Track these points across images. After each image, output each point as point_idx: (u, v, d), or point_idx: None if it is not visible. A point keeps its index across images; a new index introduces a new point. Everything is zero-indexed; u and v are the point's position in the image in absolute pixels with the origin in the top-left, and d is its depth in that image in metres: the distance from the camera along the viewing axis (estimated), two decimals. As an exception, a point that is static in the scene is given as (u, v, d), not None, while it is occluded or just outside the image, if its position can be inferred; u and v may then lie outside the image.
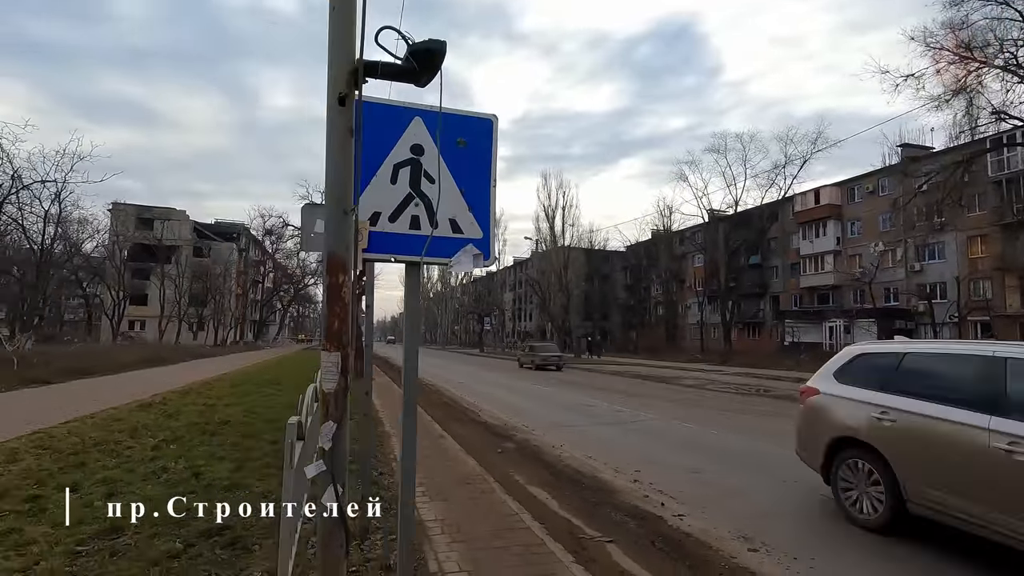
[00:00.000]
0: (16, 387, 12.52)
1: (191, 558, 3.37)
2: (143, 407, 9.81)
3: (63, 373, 15.04)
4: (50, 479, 4.95)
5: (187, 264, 49.89)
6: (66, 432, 7.27)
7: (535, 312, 72.74)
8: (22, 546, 3.45)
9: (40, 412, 9.12)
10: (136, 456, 5.93)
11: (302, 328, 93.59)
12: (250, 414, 8.90)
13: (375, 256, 2.14)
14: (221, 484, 4.83)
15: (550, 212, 44.08)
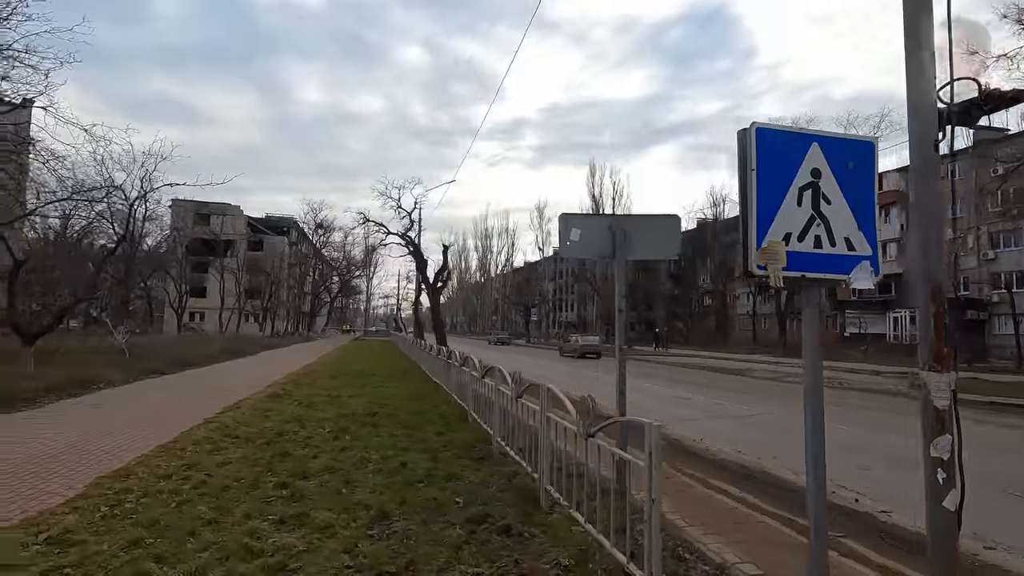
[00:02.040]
0: (140, 377, 13.33)
1: (480, 543, 3.65)
2: (275, 398, 10.36)
3: (170, 364, 15.90)
4: (272, 469, 5.35)
5: (243, 258, 51.62)
6: (235, 422, 7.77)
7: (576, 302, 72.73)
8: (323, 529, 3.79)
9: (187, 402, 9.74)
10: (326, 446, 6.32)
11: (344, 319, 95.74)
12: (383, 405, 9.28)
13: (790, 274, 2.31)
14: (439, 474, 5.14)
15: (600, 201, 43.85)
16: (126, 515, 4.06)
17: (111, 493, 4.53)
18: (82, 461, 5.61)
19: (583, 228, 3.91)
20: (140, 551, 3.39)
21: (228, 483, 4.80)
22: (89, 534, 3.66)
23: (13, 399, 8.97)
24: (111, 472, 5.18)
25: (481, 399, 7.29)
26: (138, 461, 5.58)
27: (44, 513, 4.06)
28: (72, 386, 10.75)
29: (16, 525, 3.84)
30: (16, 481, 4.86)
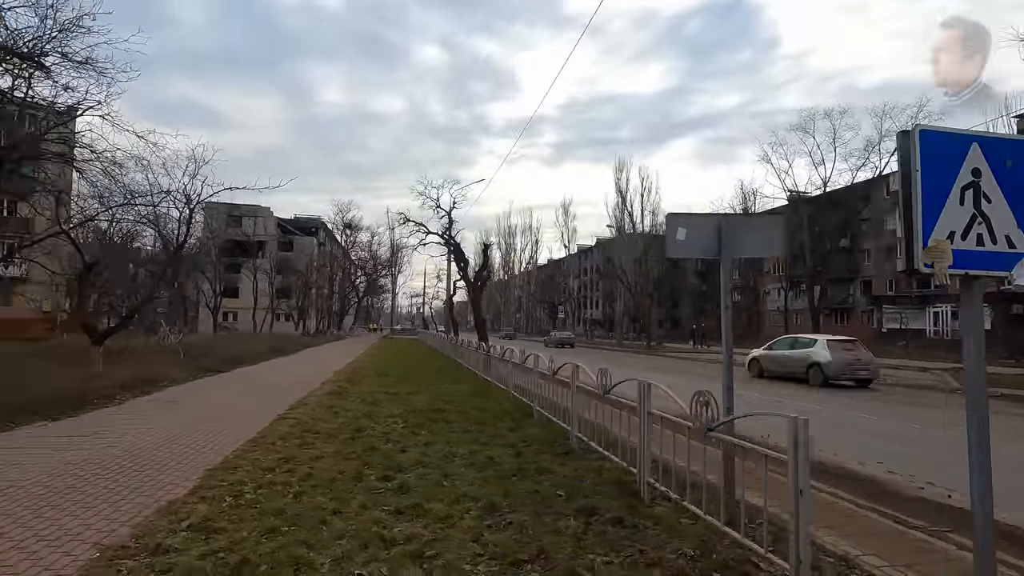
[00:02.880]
0: (199, 375, 13.79)
1: (598, 534, 3.77)
2: (336, 395, 10.64)
3: (223, 363, 16.39)
4: (367, 463, 5.55)
5: (274, 258, 52.67)
6: (309, 418, 8.02)
7: (601, 299, 72.50)
8: (443, 519, 3.95)
9: (252, 399, 10.07)
10: (407, 441, 6.51)
11: (370, 318, 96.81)
12: (448, 402, 9.47)
13: (956, 272, 2.37)
14: (529, 468, 5.28)
15: (628, 196, 43.68)
16: (250, 505, 4.29)
17: (226, 484, 4.77)
18: (184, 454, 5.89)
19: (690, 228, 3.99)
20: (283, 538, 3.59)
21: (333, 476, 5.00)
22: (226, 522, 3.88)
23: (92, 397, 9.38)
24: (217, 465, 5.44)
25: (551, 397, 7.45)
26: (236, 455, 5.84)
27: (175, 503, 4.31)
28: (140, 384, 11.19)
29: (157, 512, 4.08)
30: (137, 472, 5.14)
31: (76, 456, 5.67)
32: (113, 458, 5.67)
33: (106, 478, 4.95)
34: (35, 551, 3.40)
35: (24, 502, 4.27)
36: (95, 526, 3.82)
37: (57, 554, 3.36)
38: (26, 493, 4.48)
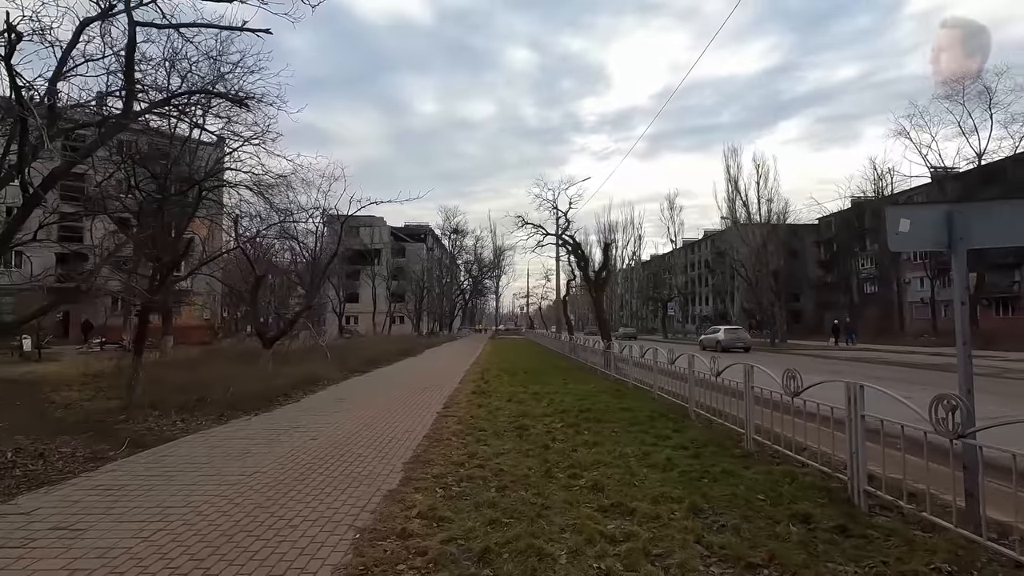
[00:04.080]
0: (348, 375, 15.05)
1: (827, 543, 3.63)
2: (480, 394, 11.12)
3: (364, 364, 17.74)
4: (547, 460, 5.76)
5: (389, 264, 56.12)
6: (468, 416, 8.46)
7: (711, 295, 69.16)
8: (653, 519, 4.02)
9: (404, 397, 10.80)
10: (574, 440, 6.67)
11: (474, 319, 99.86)
12: (595, 403, 9.56)
13: None
14: (715, 470, 5.20)
15: (742, 186, 41.29)
16: (460, 497, 4.62)
17: (430, 477, 5.18)
18: (377, 448, 6.46)
19: (913, 218, 3.72)
20: (508, 530, 3.84)
21: (524, 472, 5.26)
22: (449, 512, 4.21)
23: (273, 394, 10.56)
24: (410, 459, 5.92)
25: (715, 398, 7.28)
26: (423, 450, 6.31)
27: (395, 492, 4.75)
28: (306, 383, 12.42)
29: (384, 500, 4.53)
30: (347, 464, 5.73)
31: (290, 448, 6.43)
32: (320, 450, 6.36)
33: (325, 468, 5.57)
34: (305, 530, 3.91)
35: (272, 487, 4.92)
36: (341, 510, 4.32)
37: (324, 533, 3.85)
38: (270, 479, 5.16)
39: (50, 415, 8.94)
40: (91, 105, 6.79)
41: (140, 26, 6.36)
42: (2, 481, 4.98)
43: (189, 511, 4.25)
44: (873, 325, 43.14)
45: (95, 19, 6.49)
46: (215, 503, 4.45)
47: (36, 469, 5.38)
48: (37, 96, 6.11)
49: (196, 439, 6.98)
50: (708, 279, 69.35)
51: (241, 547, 3.60)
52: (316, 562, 3.38)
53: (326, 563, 3.37)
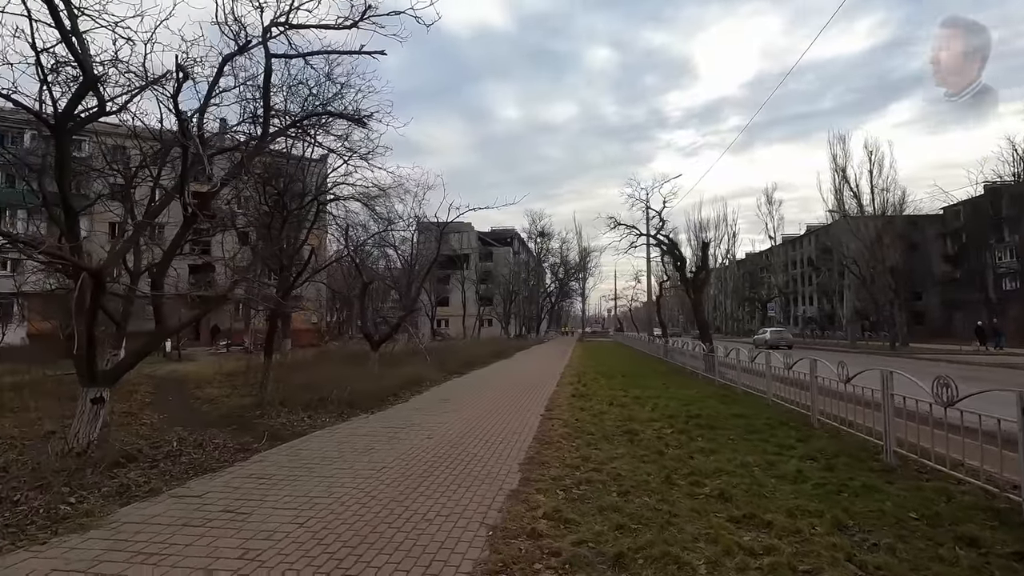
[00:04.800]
0: (449, 377, 15.60)
1: (1006, 570, 3.27)
2: (580, 397, 11.09)
3: (461, 365, 18.30)
4: (664, 466, 5.63)
5: (478, 269, 57.53)
6: (572, 419, 8.47)
7: (815, 294, 64.34)
8: (793, 533, 3.81)
9: (505, 398, 11.00)
10: (689, 447, 6.48)
11: (560, 321, 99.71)
12: (703, 408, 9.23)
13: None
14: (854, 484, 4.84)
15: (852, 176, 38.04)
16: (582, 500, 4.63)
17: (549, 479, 5.24)
18: (491, 448, 6.63)
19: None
20: (638, 536, 3.80)
21: (643, 478, 5.18)
22: (574, 515, 4.23)
23: (383, 394, 11.16)
24: (525, 460, 6.02)
25: (841, 406, 6.78)
26: (536, 452, 6.40)
27: (517, 492, 4.86)
28: (411, 384, 13.01)
29: (508, 500, 4.65)
30: (466, 463, 5.94)
31: (410, 446, 6.76)
32: (437, 448, 6.63)
33: (445, 466, 5.81)
34: (439, 524, 4.10)
35: (401, 482, 5.21)
36: (469, 507, 4.48)
37: (458, 528, 4.02)
38: (397, 475, 5.46)
39: (197, 409, 10.04)
40: (234, 131, 7.62)
41: (275, 57, 7.03)
42: (175, 467, 5.66)
43: (333, 501, 4.60)
44: (1018, 325, 38.02)
45: (235, 54, 7.24)
46: (354, 495, 4.78)
47: (198, 457, 6.06)
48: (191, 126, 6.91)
49: (324, 435, 7.54)
50: (812, 277, 64.55)
51: (385, 537, 3.84)
52: (456, 556, 3.54)
53: (466, 557, 3.51)
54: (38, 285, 14.24)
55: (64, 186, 5.62)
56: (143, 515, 4.27)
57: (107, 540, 3.76)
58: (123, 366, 6.24)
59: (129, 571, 3.29)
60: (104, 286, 5.48)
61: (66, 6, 5.41)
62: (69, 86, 6.46)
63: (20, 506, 4.33)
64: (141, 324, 12.81)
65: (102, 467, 5.28)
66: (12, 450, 6.09)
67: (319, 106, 9.75)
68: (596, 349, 34.62)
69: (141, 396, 11.02)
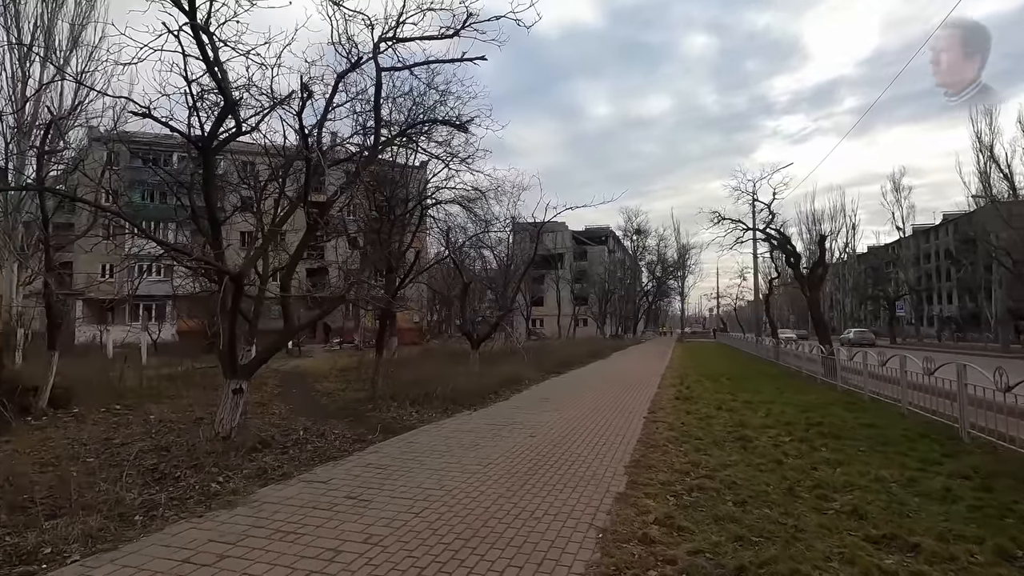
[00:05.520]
0: (546, 376, 15.65)
1: None
2: (684, 400, 10.65)
3: (558, 365, 18.29)
4: (785, 477, 5.24)
5: (572, 268, 57.32)
6: (678, 422, 8.15)
7: (954, 291, 56.97)
8: (949, 560, 3.39)
9: (606, 399, 10.81)
10: (812, 458, 6.00)
11: (657, 321, 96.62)
12: (825, 415, 8.52)
13: None
14: (1019, 509, 4.23)
15: (1001, 155, 33.21)
16: (694, 507, 4.43)
17: (657, 484, 5.07)
18: (594, 448, 6.55)
19: None
20: (761, 550, 3.56)
21: (761, 488, 4.87)
22: (687, 523, 4.06)
23: (484, 392, 11.41)
24: (630, 463, 5.88)
25: (1004, 419, 5.94)
26: (641, 455, 6.23)
27: (625, 496, 4.75)
28: (510, 382, 13.19)
29: (616, 503, 4.56)
30: (570, 463, 5.92)
31: (513, 444, 6.85)
32: (541, 447, 6.66)
33: (549, 465, 5.82)
34: (548, 523, 4.11)
35: (507, 479, 5.29)
36: (576, 507, 4.45)
37: (567, 528, 4.00)
38: (503, 471, 5.56)
39: (317, 401, 10.89)
40: (347, 142, 8.22)
41: (384, 71, 7.45)
42: (302, 453, 6.16)
43: (444, 494, 4.78)
44: None
45: (349, 70, 7.76)
46: (463, 489, 4.92)
47: (321, 446, 6.56)
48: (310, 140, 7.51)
49: (431, 429, 7.86)
50: (950, 272, 57.23)
51: (496, 532, 3.92)
52: (568, 556, 3.52)
53: (577, 558, 3.49)
54: (185, 288, 16.21)
55: (210, 200, 6.35)
56: (279, 496, 4.69)
57: (251, 517, 4.17)
58: (258, 360, 6.91)
59: (271, 546, 3.62)
60: (243, 289, 6.09)
61: (209, 40, 6.08)
62: (212, 111, 7.26)
63: (181, 482, 4.94)
64: (267, 323, 14.14)
65: (243, 451, 5.88)
66: (171, 432, 6.97)
67: (422, 114, 10.22)
68: (697, 350, 33.13)
69: (270, 388, 12.15)
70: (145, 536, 3.79)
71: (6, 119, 18.86)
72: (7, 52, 18.16)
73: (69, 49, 19.47)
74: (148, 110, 5.75)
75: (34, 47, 17.98)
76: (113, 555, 3.48)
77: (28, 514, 3.97)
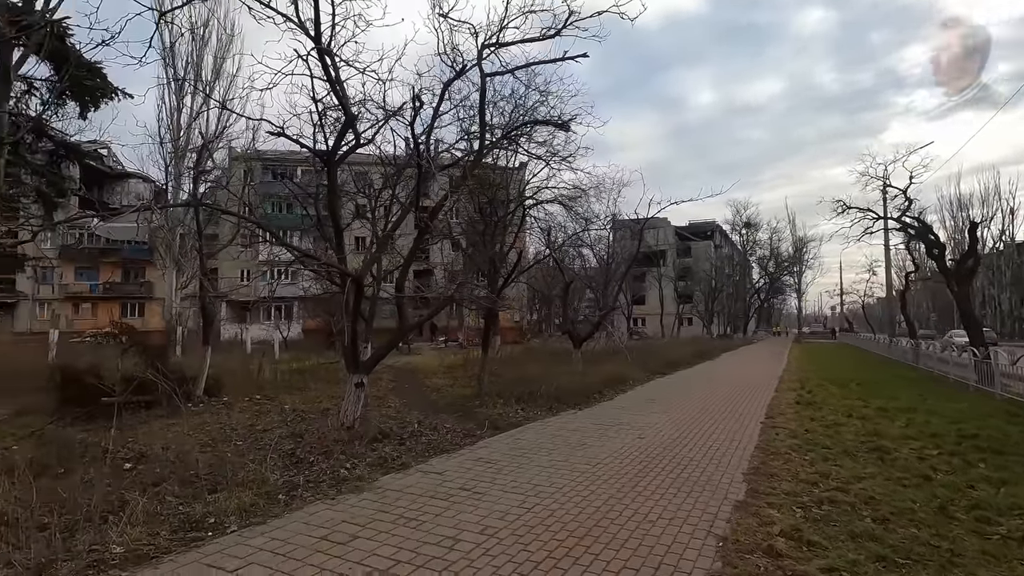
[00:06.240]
0: (651, 377, 15.22)
1: None
2: (806, 405, 9.86)
3: (663, 365, 17.72)
4: (936, 495, 4.69)
5: (676, 265, 55.20)
6: (799, 428, 7.56)
7: None
8: None
9: (716, 402, 10.28)
10: (966, 475, 5.31)
11: (771, 320, 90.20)
12: (981, 428, 7.50)
13: None
14: None
15: None
16: (825, 521, 4.09)
17: (781, 494, 4.74)
18: (706, 453, 6.26)
19: None
20: (910, 573, 3.21)
21: (906, 504, 4.39)
22: (819, 537, 3.75)
23: (588, 391, 11.31)
24: (749, 469, 5.56)
25: None
26: (760, 461, 5.86)
27: (745, 504, 4.49)
28: (614, 382, 12.98)
29: (735, 511, 4.33)
30: (682, 466, 5.71)
31: (621, 444, 6.74)
32: (649, 448, 6.49)
33: (661, 468, 5.65)
34: (663, 528, 4.00)
35: (616, 480, 5.21)
36: (692, 513, 4.29)
37: (683, 535, 3.87)
38: (612, 472, 5.48)
39: (427, 396, 11.42)
40: (453, 148, 8.59)
41: (488, 76, 7.66)
42: (417, 445, 6.51)
43: (555, 491, 4.81)
44: None
45: (455, 79, 8.07)
46: (573, 488, 4.93)
47: (434, 438, 6.88)
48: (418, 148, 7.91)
49: (537, 427, 7.95)
50: None
51: (609, 533, 3.88)
52: (686, 563, 3.41)
53: (696, 566, 3.36)
54: (309, 290, 17.74)
55: (334, 208, 6.91)
56: (400, 485, 4.99)
57: (376, 503, 4.48)
58: (377, 357, 7.40)
59: (396, 531, 3.87)
60: (363, 290, 6.55)
61: (332, 61, 6.61)
62: (334, 127, 7.89)
63: (314, 467, 5.41)
64: (377, 322, 15.09)
65: (365, 441, 6.32)
66: (303, 421, 7.66)
67: (523, 115, 10.36)
68: (818, 351, 30.44)
69: (385, 383, 12.94)
70: (288, 513, 4.21)
71: (166, 145, 21.75)
72: (167, 87, 20.95)
73: (213, 80, 22.07)
74: (282, 129, 6.38)
75: (186, 80, 20.58)
76: (263, 528, 3.90)
77: (194, 487, 4.57)
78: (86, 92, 8.95)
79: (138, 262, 38.28)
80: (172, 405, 7.96)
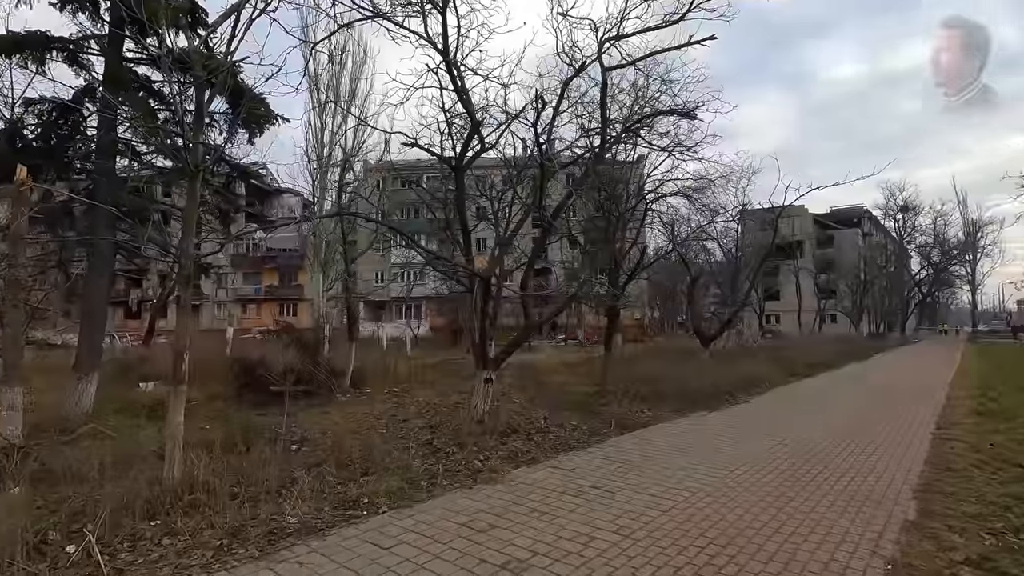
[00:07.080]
0: (790, 379, 14.02)
1: None
2: (991, 415, 8.48)
3: (804, 367, 16.24)
4: None
5: (815, 256, 50.24)
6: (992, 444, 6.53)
7: None
8: None
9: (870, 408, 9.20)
10: None
11: (935, 317, 78.59)
12: None
13: None
14: None
15: None
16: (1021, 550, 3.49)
17: (963, 516, 4.14)
18: (863, 465, 5.62)
19: None
20: None
21: None
22: (1018, 571, 3.22)
23: (719, 393, 10.67)
24: (920, 486, 4.91)
25: None
26: (934, 478, 5.16)
27: (917, 525, 3.98)
28: (747, 384, 12.12)
29: (902, 531, 3.85)
30: (835, 478, 5.19)
31: (760, 450, 6.29)
32: (793, 457, 5.96)
33: (809, 478, 5.18)
34: (817, 543, 3.67)
35: (757, 488, 4.87)
36: (851, 530, 3.89)
37: (842, 552, 3.52)
38: (751, 479, 5.13)
39: (550, 394, 11.54)
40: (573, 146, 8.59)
41: (608, 70, 7.55)
42: (544, 441, 6.61)
43: (690, 495, 4.62)
44: None
45: (574, 76, 8.03)
46: (709, 493, 4.69)
47: (561, 436, 6.94)
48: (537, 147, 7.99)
49: (665, 428, 7.69)
50: None
51: (755, 544, 3.64)
52: (848, 584, 3.10)
53: (861, 589, 3.04)
54: (437, 290, 18.74)
55: (462, 212, 7.25)
56: (531, 479, 5.11)
57: (510, 495, 4.63)
58: (504, 354, 7.63)
59: (531, 523, 3.97)
60: (491, 289, 6.78)
61: (458, 72, 6.93)
62: (460, 134, 8.26)
63: (450, 457, 5.73)
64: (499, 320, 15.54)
65: (495, 434, 6.55)
66: (437, 414, 8.13)
67: (645, 106, 10.04)
68: (1000, 353, 25.91)
69: (509, 380, 13.30)
70: (431, 499, 4.50)
71: (312, 162, 24.26)
72: (312, 110, 23.37)
73: (350, 99, 24.21)
74: (415, 140, 6.82)
75: (328, 102, 22.78)
76: (410, 512, 4.20)
77: (349, 470, 5.05)
78: (253, 120, 10.25)
79: (291, 267, 43.37)
80: (326, 395, 8.87)
